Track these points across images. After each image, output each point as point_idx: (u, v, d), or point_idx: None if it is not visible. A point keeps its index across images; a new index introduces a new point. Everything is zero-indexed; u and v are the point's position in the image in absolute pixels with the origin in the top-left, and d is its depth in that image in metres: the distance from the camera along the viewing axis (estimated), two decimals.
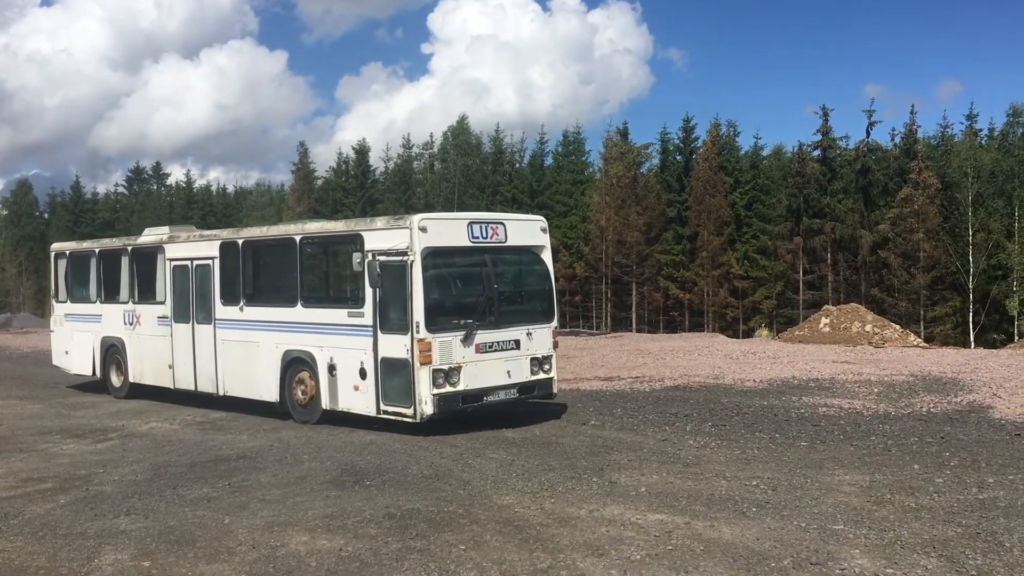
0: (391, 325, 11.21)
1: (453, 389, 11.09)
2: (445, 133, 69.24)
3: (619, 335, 35.47)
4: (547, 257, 12.51)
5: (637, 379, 16.24)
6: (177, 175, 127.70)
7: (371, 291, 11.33)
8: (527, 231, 12.46)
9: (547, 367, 12.19)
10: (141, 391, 15.82)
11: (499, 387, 11.58)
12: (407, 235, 10.99)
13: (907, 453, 9.71)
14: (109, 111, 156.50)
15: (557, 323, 12.68)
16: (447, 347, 11.04)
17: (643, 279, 58.51)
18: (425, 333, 10.86)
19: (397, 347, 11.10)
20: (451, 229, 11.55)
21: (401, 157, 72.21)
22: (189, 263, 14.53)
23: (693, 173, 59.11)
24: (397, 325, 11.12)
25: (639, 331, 50.82)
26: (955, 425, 11.13)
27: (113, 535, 7.40)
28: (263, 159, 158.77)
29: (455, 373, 11.11)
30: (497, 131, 68.49)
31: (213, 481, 9.20)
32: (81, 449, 11.41)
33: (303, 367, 12.49)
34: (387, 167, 72.70)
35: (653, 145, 63.94)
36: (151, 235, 16.07)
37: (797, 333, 27.07)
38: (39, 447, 11.61)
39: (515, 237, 12.10)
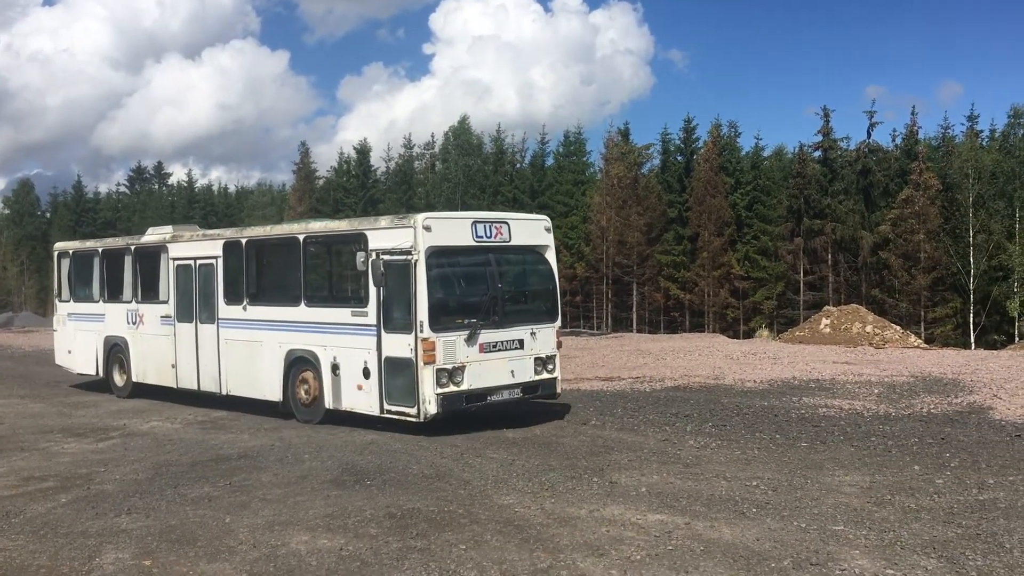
0: (395, 324, 11.19)
1: (457, 389, 11.07)
2: (446, 133, 69.32)
3: (620, 335, 35.49)
4: (551, 257, 12.50)
5: (638, 379, 16.24)
6: (179, 175, 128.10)
7: (375, 290, 11.31)
8: (531, 230, 12.44)
9: (551, 367, 12.17)
10: (144, 390, 15.82)
11: (503, 387, 11.56)
12: (411, 234, 10.98)
13: (907, 454, 9.72)
14: (111, 111, 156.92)
15: (561, 323, 12.67)
16: (451, 346, 11.02)
17: (644, 279, 58.53)
18: (429, 332, 10.85)
19: (401, 346, 11.08)
20: (455, 228, 11.53)
21: (402, 157, 72.31)
22: (192, 262, 14.52)
23: (694, 174, 59.17)
24: (401, 324, 11.11)
25: (640, 331, 50.80)
26: (955, 426, 11.13)
27: (114, 534, 7.41)
28: (265, 159, 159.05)
29: (459, 373, 11.09)
30: (498, 131, 68.64)
31: (214, 480, 9.21)
32: (82, 448, 11.42)
33: (306, 366, 12.48)
34: (388, 167, 72.86)
35: (654, 146, 64.13)
36: (154, 234, 16.05)
37: (798, 334, 27.09)
38: (40, 446, 11.63)
39: (519, 236, 12.08)
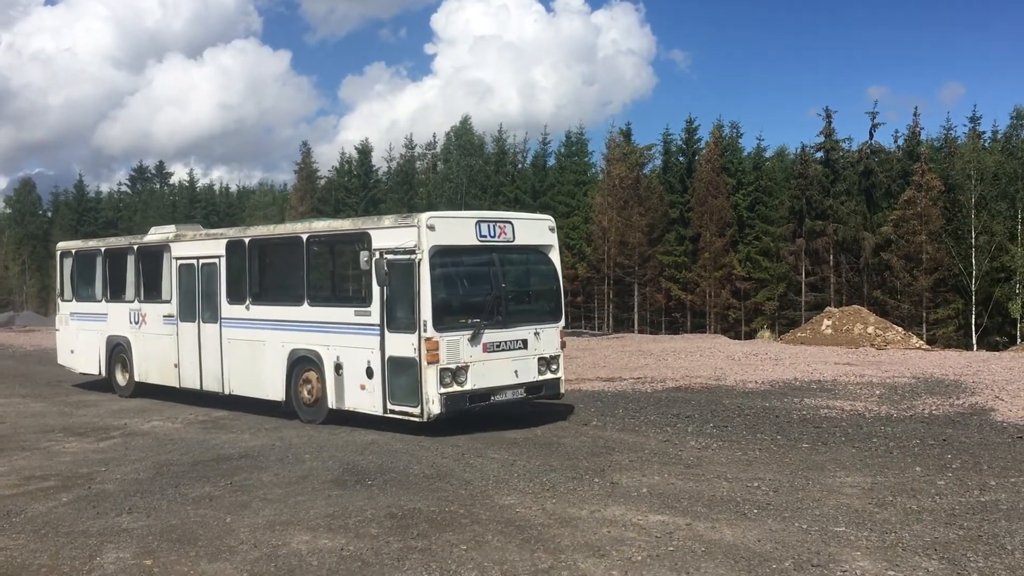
0: (398, 324, 11.18)
1: (460, 388, 11.06)
2: (448, 133, 69.43)
3: (621, 336, 35.49)
4: (555, 257, 12.47)
5: (639, 380, 16.23)
6: (180, 174, 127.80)
7: (378, 290, 11.29)
8: (535, 230, 12.42)
9: (554, 367, 12.15)
10: (146, 390, 15.82)
11: (506, 387, 11.54)
12: (415, 233, 10.95)
13: (909, 455, 9.71)
14: (113, 110, 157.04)
15: (565, 323, 12.65)
16: (454, 346, 11.00)
17: (645, 280, 58.54)
18: (433, 332, 10.82)
19: (404, 346, 11.06)
20: (459, 227, 11.50)
21: (404, 157, 72.42)
22: (195, 262, 14.51)
23: (696, 174, 59.21)
24: (404, 324, 11.09)
25: (641, 332, 50.80)
26: (957, 427, 11.12)
27: (115, 533, 7.41)
28: (266, 159, 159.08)
29: (462, 372, 11.08)
30: (500, 131, 68.75)
31: (215, 480, 9.21)
32: (83, 447, 11.42)
33: (309, 366, 12.47)
34: (390, 167, 72.95)
35: (656, 146, 64.20)
36: (157, 234, 16.06)
37: (799, 335, 27.07)
38: (41, 445, 11.63)
39: (523, 236, 12.06)
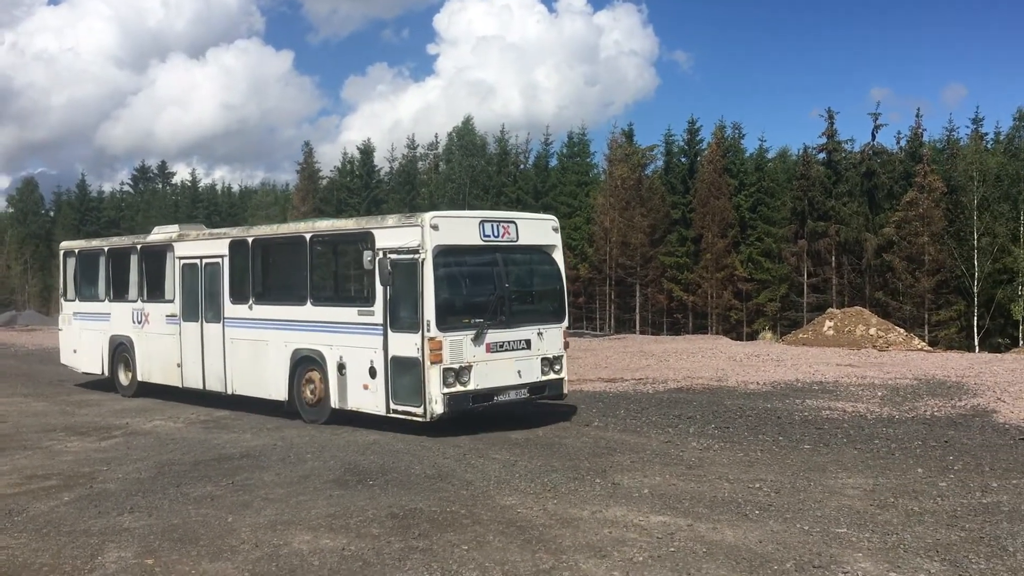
0: (401, 323, 11.17)
1: (463, 388, 11.04)
2: (450, 134, 69.41)
3: (622, 337, 35.46)
4: (558, 257, 12.45)
5: (640, 381, 16.22)
6: (183, 174, 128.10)
7: (381, 289, 11.28)
8: (539, 230, 12.40)
9: (558, 367, 12.13)
10: (149, 390, 15.83)
11: (509, 387, 11.52)
12: (418, 233, 10.94)
13: (911, 457, 9.70)
14: (115, 110, 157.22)
15: (568, 323, 12.64)
16: (458, 346, 10.98)
17: (647, 281, 58.51)
18: (436, 332, 10.81)
19: (407, 346, 11.05)
20: (462, 227, 11.49)
21: (406, 157, 72.48)
22: (198, 261, 14.52)
23: (698, 175, 59.19)
24: (408, 323, 11.07)
25: (642, 333, 50.77)
26: (959, 429, 11.10)
27: (117, 533, 7.42)
28: (268, 159, 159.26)
29: (466, 372, 11.06)
30: (502, 132, 68.82)
31: (216, 479, 9.22)
32: (85, 447, 11.44)
33: (312, 366, 12.46)
34: (392, 167, 72.98)
35: (658, 147, 64.18)
36: (160, 233, 16.07)
37: (801, 336, 27.06)
38: (43, 444, 11.64)
39: (526, 236, 12.05)
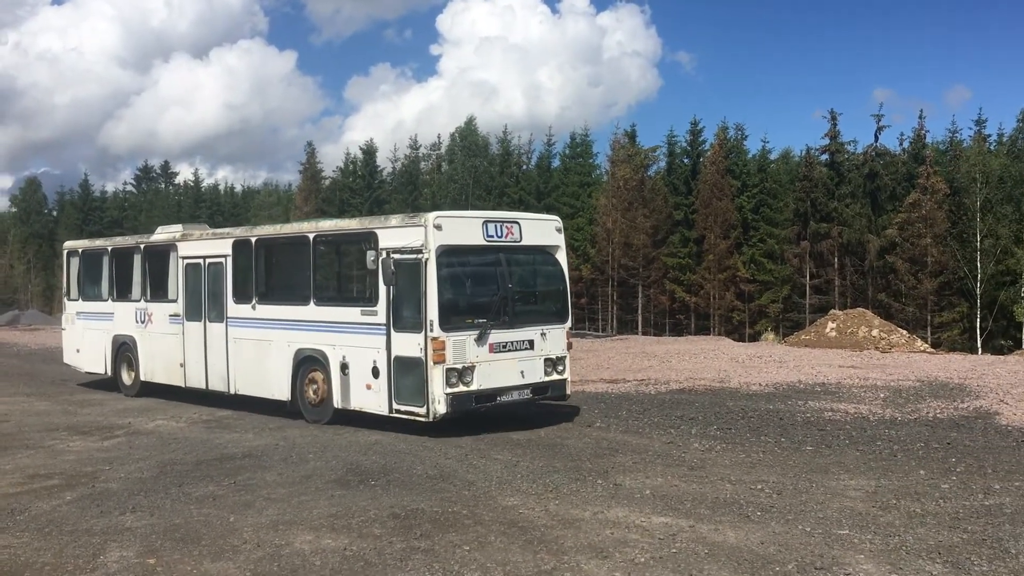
0: (404, 323, 11.16)
1: (466, 389, 11.02)
2: (453, 134, 69.57)
3: (625, 338, 35.45)
4: (562, 257, 12.44)
5: (643, 382, 16.21)
6: (185, 174, 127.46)
7: (385, 289, 11.27)
8: (542, 231, 12.39)
9: (561, 368, 12.11)
10: (152, 389, 15.84)
11: (512, 387, 11.51)
12: (422, 233, 10.94)
13: (913, 458, 9.68)
14: (118, 110, 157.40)
15: (571, 324, 12.62)
16: (461, 346, 10.98)
17: (649, 282, 58.50)
18: (439, 332, 10.80)
19: (410, 346, 11.04)
20: (466, 227, 11.48)
21: (408, 158, 72.60)
22: (202, 261, 14.53)
23: (700, 176, 59.18)
24: (411, 323, 11.06)
25: (645, 334, 50.74)
26: (961, 431, 11.09)
27: (119, 532, 7.42)
28: (271, 159, 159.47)
29: (469, 373, 11.05)
30: (505, 133, 68.91)
31: (218, 479, 9.22)
32: (88, 446, 11.45)
33: (315, 366, 12.46)
34: (394, 168, 73.08)
35: (660, 148, 64.18)
36: (164, 233, 16.09)
37: (803, 337, 27.04)
38: (46, 444, 11.65)
39: (530, 236, 12.04)
